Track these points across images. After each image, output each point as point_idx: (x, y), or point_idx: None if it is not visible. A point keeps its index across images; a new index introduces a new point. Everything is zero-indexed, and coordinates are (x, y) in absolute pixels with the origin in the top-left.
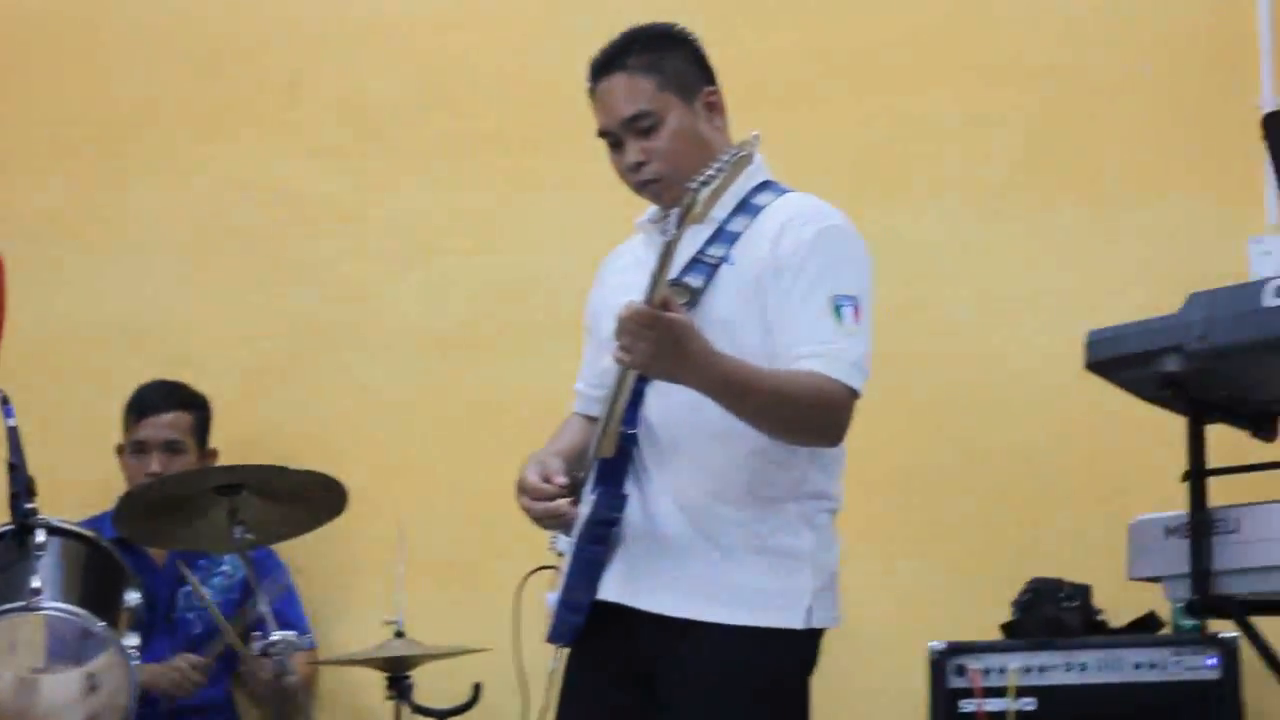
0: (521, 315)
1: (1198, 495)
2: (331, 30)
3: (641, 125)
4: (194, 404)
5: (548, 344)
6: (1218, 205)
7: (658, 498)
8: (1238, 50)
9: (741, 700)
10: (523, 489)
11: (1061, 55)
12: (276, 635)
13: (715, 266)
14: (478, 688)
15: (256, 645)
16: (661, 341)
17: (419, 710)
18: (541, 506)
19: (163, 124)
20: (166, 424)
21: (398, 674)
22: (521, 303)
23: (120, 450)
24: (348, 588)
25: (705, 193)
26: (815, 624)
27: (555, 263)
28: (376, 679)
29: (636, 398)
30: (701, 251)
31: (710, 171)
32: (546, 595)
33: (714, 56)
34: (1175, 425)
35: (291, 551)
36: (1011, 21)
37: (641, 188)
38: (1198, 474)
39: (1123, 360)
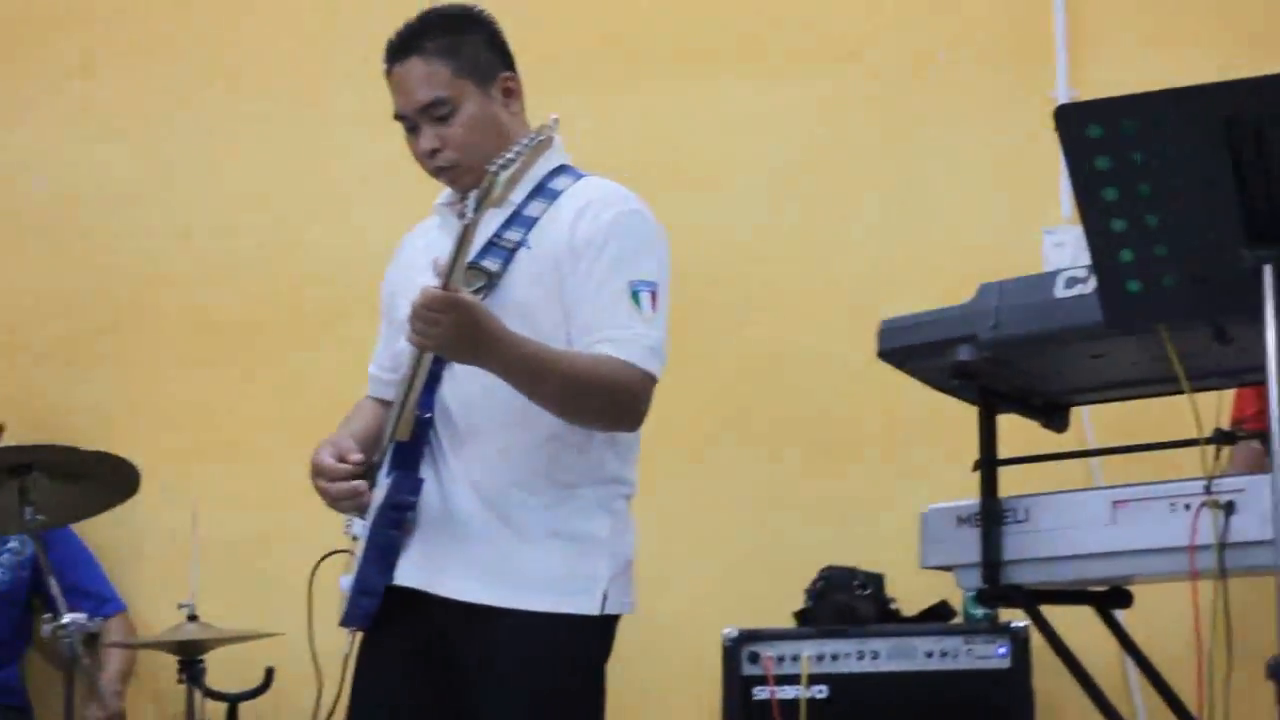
0: (316, 297)
1: (988, 485)
2: (123, 10)
3: (437, 112)
4: None
5: (342, 326)
6: (1012, 196)
7: (454, 482)
8: (1034, 41)
9: (537, 685)
10: (318, 471)
11: (857, 42)
12: (67, 619)
13: (513, 250)
14: (270, 672)
15: (46, 629)
16: (457, 325)
17: (211, 694)
18: (338, 487)
19: None
20: None
21: (190, 657)
22: (316, 285)
23: None
24: (140, 570)
25: (504, 176)
26: (611, 610)
27: (351, 238)
28: (169, 662)
29: (432, 381)
30: (498, 235)
31: (509, 155)
32: (341, 578)
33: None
34: (968, 413)
35: (83, 532)
36: (807, 6)
37: (437, 173)
38: (989, 464)
39: (915, 349)
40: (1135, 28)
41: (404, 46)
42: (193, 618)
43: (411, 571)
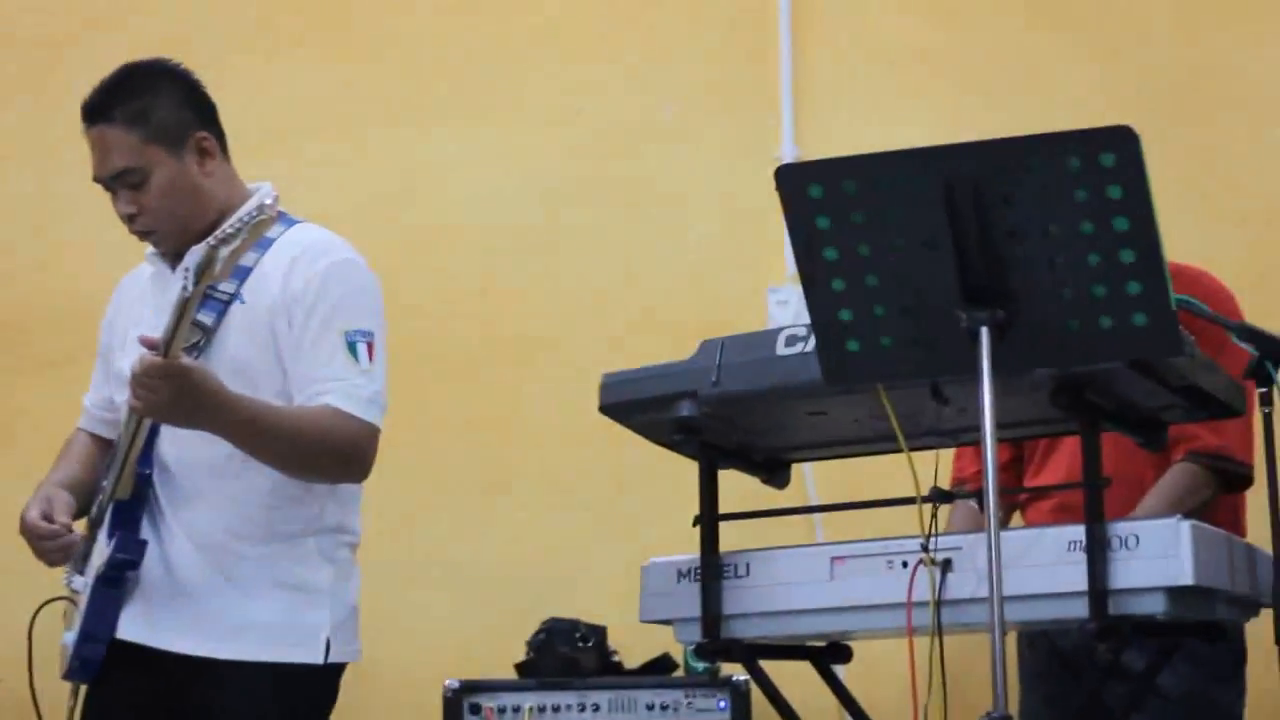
0: (36, 334)
1: (709, 539)
2: None
3: (128, 180)
4: None
5: (65, 366)
6: (738, 255)
7: (175, 538)
8: (761, 100)
9: None
10: (25, 529)
11: (587, 100)
12: None
13: (226, 304)
14: None
15: None
16: (176, 392)
17: None
18: (50, 544)
19: None
20: None
21: None
22: (37, 321)
23: None
24: None
25: (225, 251)
26: (335, 659)
27: (78, 277)
28: None
29: (151, 437)
30: (212, 287)
31: (230, 230)
32: (64, 634)
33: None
34: (691, 468)
35: None
36: (539, 65)
37: (139, 236)
38: (709, 519)
39: (637, 404)
40: (861, 88)
41: (95, 111)
42: None
43: (134, 627)
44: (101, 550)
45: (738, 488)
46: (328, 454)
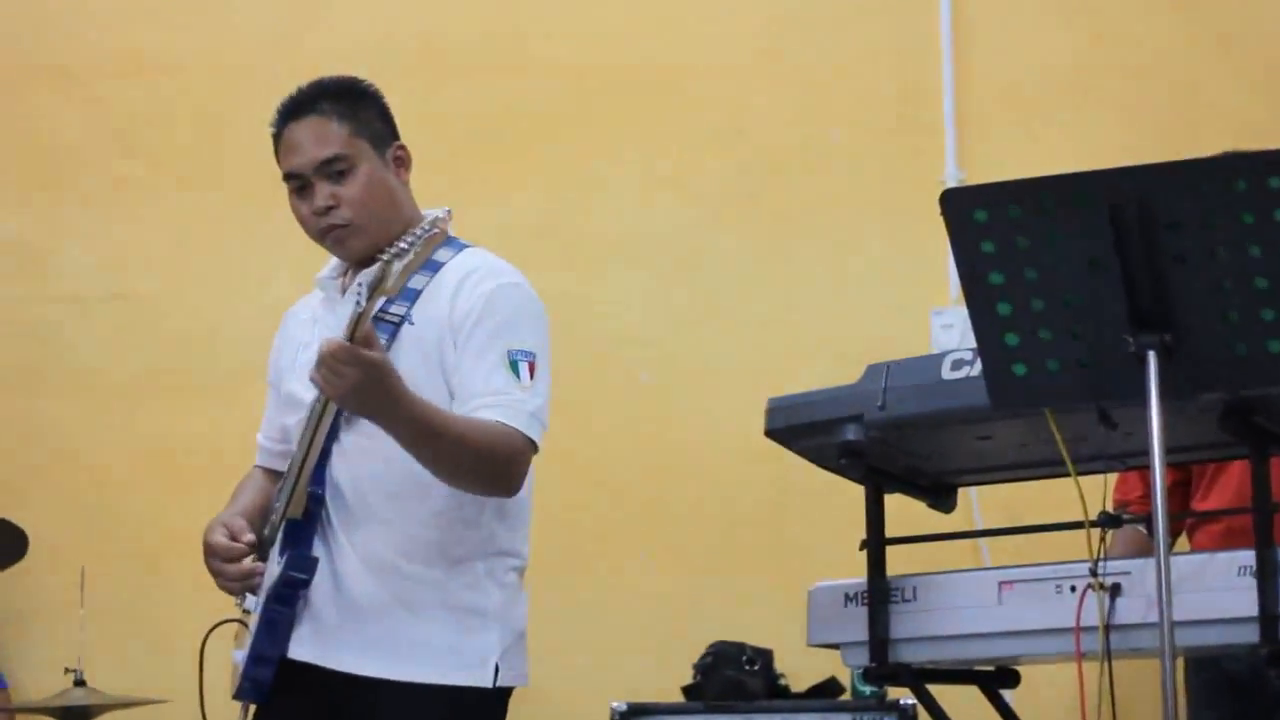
0: (206, 360)
1: (876, 564)
2: (12, 74)
3: (334, 169)
4: None
5: (232, 390)
6: (902, 277)
7: (345, 558)
8: (924, 124)
9: None
10: (211, 551)
11: (749, 120)
12: None
13: (397, 325)
14: None
15: None
16: (360, 377)
17: None
18: (233, 568)
19: None
20: None
21: None
22: (206, 348)
23: None
24: (28, 634)
25: (398, 266)
26: (503, 682)
27: (239, 308)
28: None
29: (323, 459)
30: (383, 310)
31: (404, 245)
32: (233, 653)
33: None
34: (857, 493)
35: None
36: (700, 84)
37: (325, 233)
38: (876, 543)
39: (802, 428)
40: (1025, 110)
41: (301, 105)
42: (80, 683)
43: (304, 646)
44: (273, 569)
45: (902, 511)
46: (486, 463)
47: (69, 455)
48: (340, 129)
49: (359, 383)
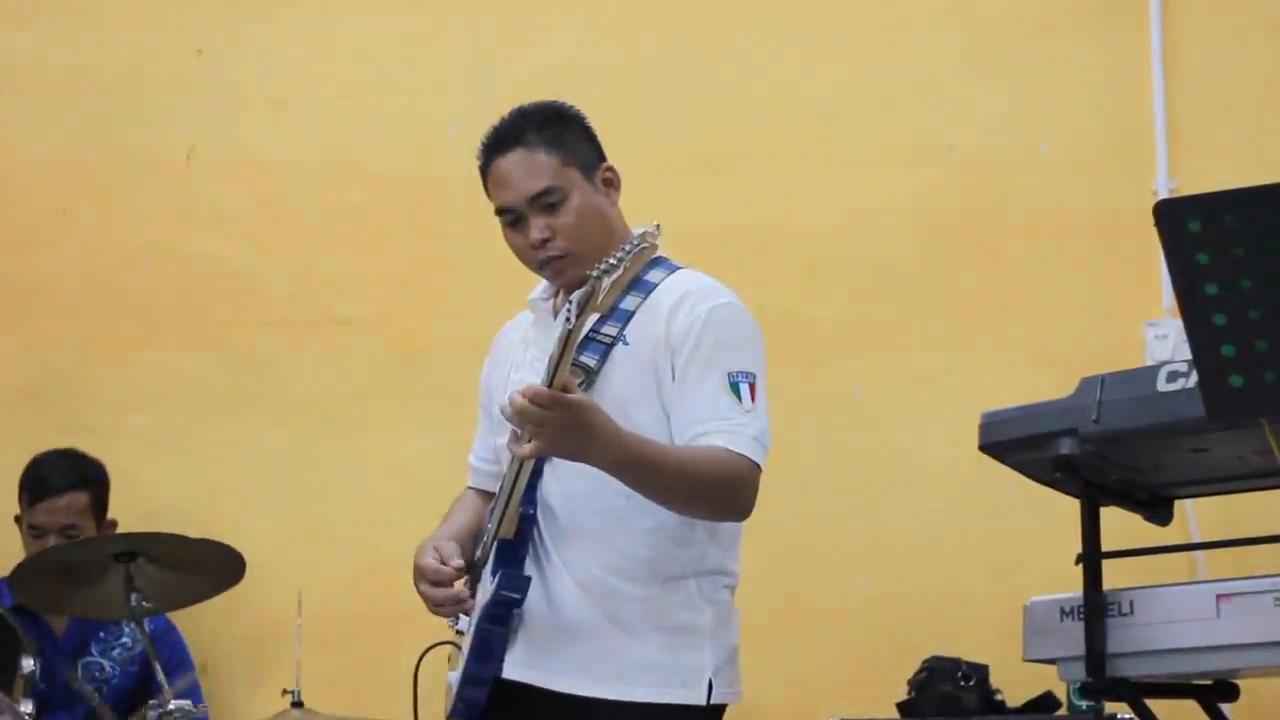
0: (419, 382)
1: (1092, 578)
2: (228, 98)
3: (546, 201)
4: (91, 479)
5: (446, 412)
6: (1114, 288)
7: (557, 578)
8: (1135, 134)
9: None
10: (420, 574)
11: (959, 136)
12: (172, 705)
13: (610, 346)
14: None
15: (151, 714)
16: (565, 423)
17: None
18: (442, 593)
19: (64, 185)
20: (62, 508)
21: None
22: (419, 370)
23: (18, 520)
24: (246, 657)
25: (607, 282)
26: (716, 700)
27: (455, 330)
28: None
29: (534, 478)
30: (595, 330)
31: (612, 260)
32: (448, 674)
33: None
34: (1071, 506)
35: (190, 619)
36: (910, 100)
37: (543, 265)
38: (1092, 557)
39: (1016, 442)
40: (1236, 120)
41: (506, 138)
42: (297, 704)
43: (518, 666)
44: (486, 589)
45: (1115, 524)
46: (711, 492)
47: (283, 478)
48: (549, 160)
49: (562, 428)
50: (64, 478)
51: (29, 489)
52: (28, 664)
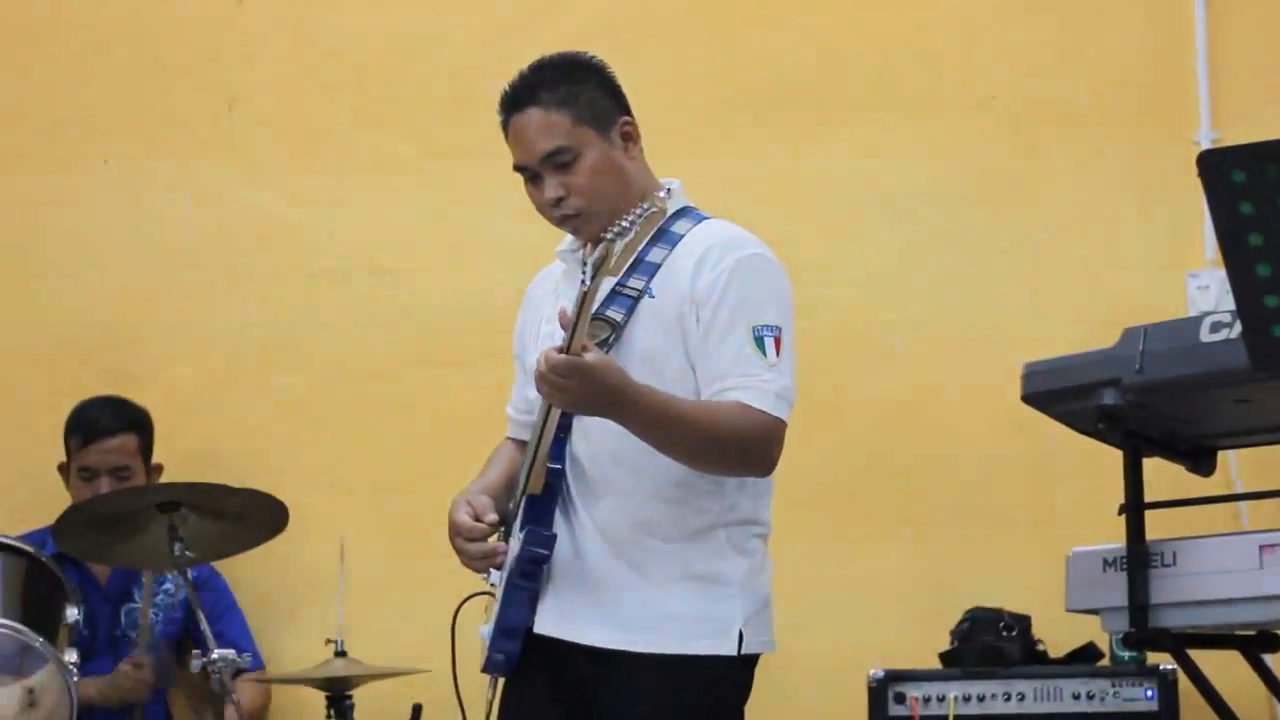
0: (460, 333)
1: (1135, 528)
2: (269, 49)
3: (559, 160)
4: (139, 425)
5: (487, 362)
6: (1155, 239)
7: (585, 532)
8: (1177, 85)
9: None
10: (455, 530)
11: (999, 87)
12: (216, 654)
13: (636, 299)
14: (418, 709)
15: (195, 663)
16: (582, 388)
17: None
18: (476, 547)
19: (105, 137)
20: (114, 449)
21: (339, 693)
22: (461, 320)
23: (63, 468)
24: (289, 606)
25: (619, 245)
26: (748, 650)
27: (494, 280)
28: (317, 698)
29: (561, 433)
30: (621, 283)
31: (624, 223)
32: (480, 628)
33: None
34: (1114, 457)
35: (233, 569)
36: (950, 53)
37: (562, 222)
38: (1135, 507)
39: (1059, 393)
40: (1278, 67)
41: (520, 97)
42: (341, 654)
43: (548, 620)
44: (514, 544)
45: (1159, 475)
46: (733, 448)
47: (327, 429)
48: (561, 118)
49: (582, 392)
50: (114, 419)
51: (79, 431)
52: (72, 613)
